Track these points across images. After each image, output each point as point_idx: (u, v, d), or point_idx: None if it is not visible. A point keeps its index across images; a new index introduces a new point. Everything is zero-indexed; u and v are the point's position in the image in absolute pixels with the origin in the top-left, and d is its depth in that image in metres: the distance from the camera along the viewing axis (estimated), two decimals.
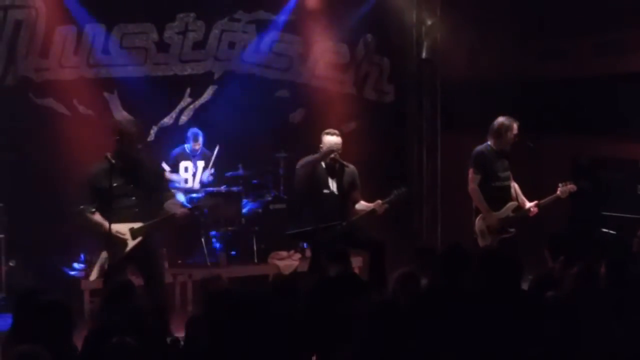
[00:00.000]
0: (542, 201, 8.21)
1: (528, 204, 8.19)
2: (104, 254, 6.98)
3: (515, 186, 8.34)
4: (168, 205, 7.08)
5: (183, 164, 9.66)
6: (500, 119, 8.19)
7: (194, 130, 9.67)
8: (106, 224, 6.68)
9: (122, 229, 6.82)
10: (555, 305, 4.82)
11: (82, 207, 6.86)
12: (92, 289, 8.31)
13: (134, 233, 6.86)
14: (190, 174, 9.67)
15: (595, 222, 9.31)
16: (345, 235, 7.67)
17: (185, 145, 9.67)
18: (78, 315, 6.88)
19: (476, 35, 10.18)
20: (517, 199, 8.21)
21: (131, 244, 6.86)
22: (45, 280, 7.99)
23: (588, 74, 10.41)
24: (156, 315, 4.72)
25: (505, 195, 8.15)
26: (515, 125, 8.15)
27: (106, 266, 6.92)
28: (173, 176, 9.52)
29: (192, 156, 9.66)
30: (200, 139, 9.63)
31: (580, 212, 10.09)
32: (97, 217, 6.85)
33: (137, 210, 6.92)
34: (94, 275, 7.04)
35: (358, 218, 7.87)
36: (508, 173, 8.23)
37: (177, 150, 9.69)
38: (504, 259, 4.99)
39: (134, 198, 6.91)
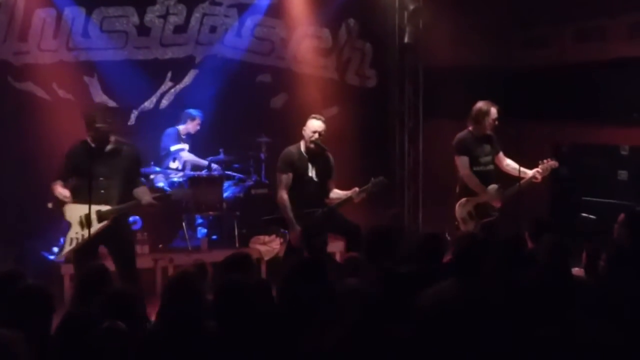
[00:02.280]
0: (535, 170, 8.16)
1: (530, 172, 8.16)
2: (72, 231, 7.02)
3: (508, 162, 8.30)
4: (137, 192, 7.11)
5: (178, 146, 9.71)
6: (479, 104, 8.21)
7: (194, 111, 9.69)
8: (68, 197, 6.87)
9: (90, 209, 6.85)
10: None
11: (53, 182, 7.00)
12: (72, 273, 8.25)
13: (100, 215, 6.90)
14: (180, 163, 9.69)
15: (576, 207, 9.35)
16: (323, 220, 7.70)
17: (179, 127, 9.66)
18: (58, 300, 6.88)
19: (459, 21, 10.17)
20: (519, 174, 8.14)
21: (96, 225, 6.90)
22: (25, 265, 7.94)
23: (569, 61, 10.44)
24: (131, 300, 4.68)
25: (487, 180, 8.15)
26: (493, 110, 8.16)
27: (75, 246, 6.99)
28: (190, 156, 9.61)
29: (185, 138, 9.68)
30: (200, 119, 9.68)
31: (561, 198, 10.16)
32: (60, 188, 6.93)
33: (103, 192, 6.90)
34: (65, 251, 7.12)
35: (335, 205, 7.89)
36: (490, 158, 8.24)
37: (173, 132, 9.68)
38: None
39: (102, 179, 6.90)
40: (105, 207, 6.90)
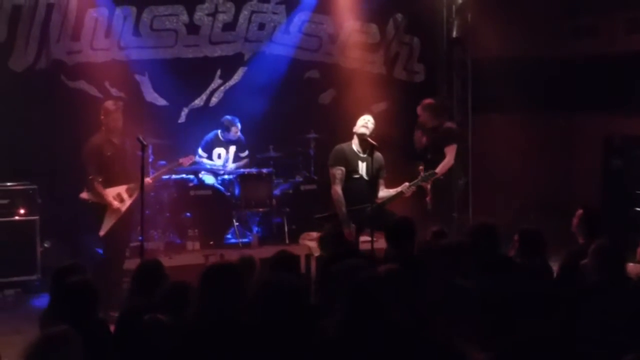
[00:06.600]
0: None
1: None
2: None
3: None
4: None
5: (216, 151, 9.69)
6: None
7: (230, 117, 9.66)
8: (106, 192, 7.86)
9: (120, 189, 7.95)
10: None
11: (91, 177, 7.85)
12: (125, 269, 8.38)
13: (131, 190, 7.93)
14: (222, 160, 9.68)
15: (629, 201, 9.23)
16: (373, 217, 7.69)
17: (219, 132, 9.66)
18: (114, 294, 7.04)
19: (506, 13, 10.10)
20: None
21: (128, 201, 7.96)
22: (80, 261, 8.07)
23: (620, 51, 10.31)
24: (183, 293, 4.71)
25: None
26: None
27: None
28: (205, 161, 9.60)
29: (226, 142, 9.68)
30: (239, 125, 9.64)
31: (613, 191, 10.02)
32: (101, 188, 7.87)
33: (122, 174, 7.91)
34: (103, 230, 7.95)
35: (386, 200, 7.90)
36: None
37: (210, 136, 9.70)
38: None
39: (119, 163, 7.92)
40: (131, 184, 7.88)
